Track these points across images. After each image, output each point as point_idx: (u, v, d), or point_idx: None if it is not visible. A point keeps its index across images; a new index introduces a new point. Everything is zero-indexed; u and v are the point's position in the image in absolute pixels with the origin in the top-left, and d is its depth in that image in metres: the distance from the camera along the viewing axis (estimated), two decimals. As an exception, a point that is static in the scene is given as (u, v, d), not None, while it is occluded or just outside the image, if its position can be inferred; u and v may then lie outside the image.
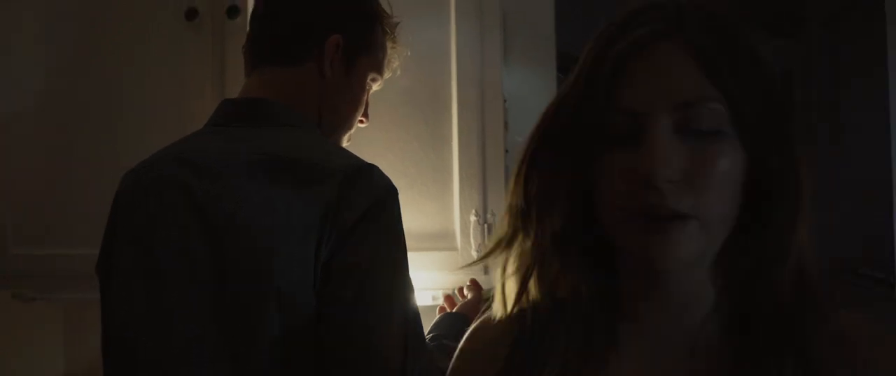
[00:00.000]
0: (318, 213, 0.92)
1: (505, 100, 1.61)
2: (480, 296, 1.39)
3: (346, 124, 1.16)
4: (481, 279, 1.48)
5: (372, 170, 0.99)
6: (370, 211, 0.94)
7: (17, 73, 1.60)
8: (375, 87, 1.21)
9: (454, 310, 1.35)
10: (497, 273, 0.74)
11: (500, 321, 0.73)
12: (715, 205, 0.61)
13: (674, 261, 0.61)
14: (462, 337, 0.95)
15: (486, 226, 1.49)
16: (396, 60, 1.25)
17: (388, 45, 1.20)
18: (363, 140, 1.48)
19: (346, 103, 1.14)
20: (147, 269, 0.98)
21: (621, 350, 0.68)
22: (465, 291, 1.44)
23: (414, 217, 1.50)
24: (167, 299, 0.97)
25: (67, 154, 1.59)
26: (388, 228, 0.97)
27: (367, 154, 1.44)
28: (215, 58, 1.52)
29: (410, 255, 1.46)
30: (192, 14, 1.53)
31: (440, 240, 1.50)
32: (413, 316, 0.97)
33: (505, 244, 0.72)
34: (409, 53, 1.32)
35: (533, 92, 1.85)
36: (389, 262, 0.96)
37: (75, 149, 1.59)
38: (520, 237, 0.70)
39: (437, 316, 1.37)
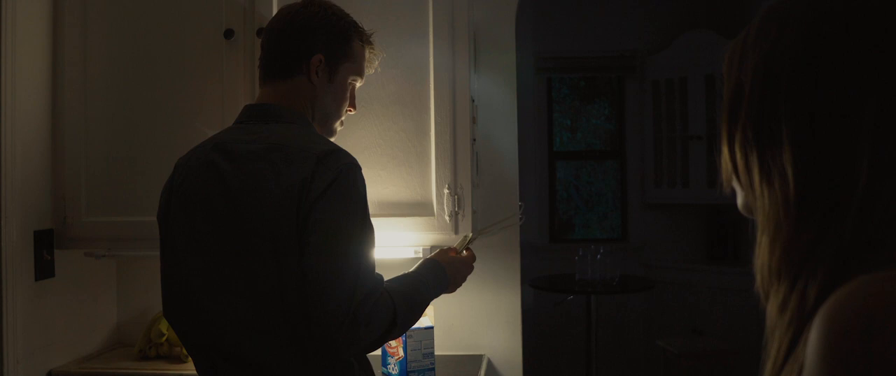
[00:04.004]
0: (299, 182, 1.35)
1: (473, 101, 2.05)
2: (459, 252, 1.73)
3: (334, 115, 1.57)
4: (451, 241, 1.90)
5: (338, 152, 1.40)
6: (335, 181, 1.35)
7: (90, 83, 2.03)
8: (359, 83, 1.60)
9: (433, 256, 1.72)
10: None
11: None
12: None
13: None
14: (426, 275, 1.36)
15: (456, 197, 1.93)
16: (376, 60, 1.63)
17: (367, 50, 1.60)
18: (363, 131, 1.92)
19: (331, 101, 1.54)
20: (189, 218, 1.43)
21: None
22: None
23: (400, 190, 1.94)
24: (202, 237, 1.41)
25: (127, 145, 2.02)
26: (347, 195, 1.37)
27: (365, 142, 1.90)
28: (247, 68, 1.94)
29: (398, 220, 1.92)
30: (229, 33, 1.95)
31: (420, 208, 1.94)
32: (365, 255, 1.37)
33: None
34: (385, 55, 1.66)
35: (497, 93, 2.30)
36: (346, 218, 1.37)
37: (133, 142, 2.02)
38: None
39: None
